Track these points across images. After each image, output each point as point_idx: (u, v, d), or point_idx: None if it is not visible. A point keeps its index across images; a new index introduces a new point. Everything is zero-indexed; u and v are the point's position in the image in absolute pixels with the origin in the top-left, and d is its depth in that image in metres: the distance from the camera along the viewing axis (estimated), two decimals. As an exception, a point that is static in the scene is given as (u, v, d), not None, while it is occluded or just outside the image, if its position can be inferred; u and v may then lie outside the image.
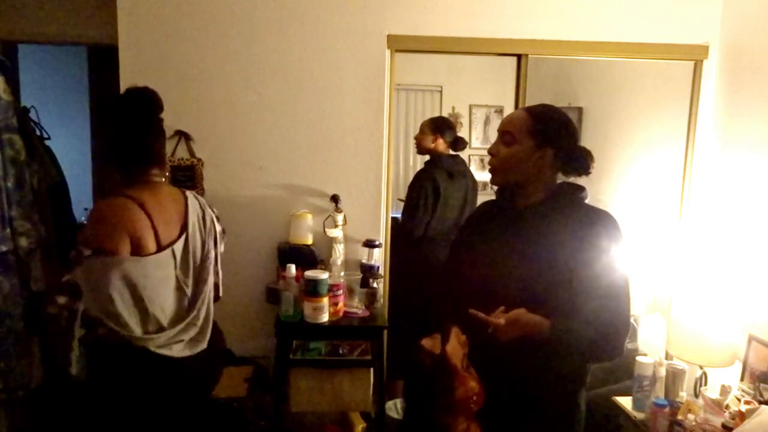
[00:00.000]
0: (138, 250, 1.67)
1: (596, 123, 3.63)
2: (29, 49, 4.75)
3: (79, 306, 1.64)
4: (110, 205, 1.67)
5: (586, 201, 1.59)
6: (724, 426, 2.12)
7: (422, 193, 3.21)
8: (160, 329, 1.73)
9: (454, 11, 2.76)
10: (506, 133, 1.56)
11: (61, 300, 1.63)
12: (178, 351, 1.76)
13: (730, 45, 2.74)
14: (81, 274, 1.63)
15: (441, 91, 4.52)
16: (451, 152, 3.37)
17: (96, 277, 1.63)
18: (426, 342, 1.51)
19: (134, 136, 1.73)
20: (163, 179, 1.81)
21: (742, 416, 2.11)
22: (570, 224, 1.51)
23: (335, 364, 2.60)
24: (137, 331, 1.69)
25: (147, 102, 1.76)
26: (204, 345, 1.83)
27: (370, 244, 2.80)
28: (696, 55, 2.81)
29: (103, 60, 3.63)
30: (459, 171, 3.31)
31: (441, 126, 3.33)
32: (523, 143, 1.54)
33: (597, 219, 1.53)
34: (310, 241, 2.77)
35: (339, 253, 2.75)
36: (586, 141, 3.60)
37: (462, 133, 4.60)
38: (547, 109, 1.59)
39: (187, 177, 2.74)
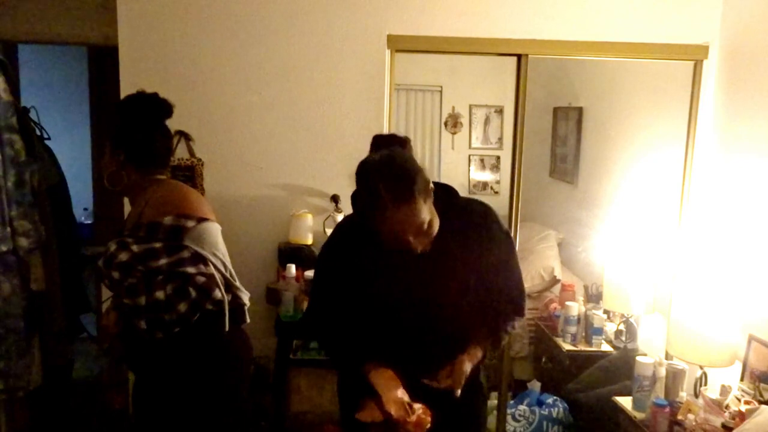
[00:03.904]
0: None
1: (596, 123, 3.63)
2: (29, 49, 4.77)
3: (211, 271, 1.77)
4: (180, 185, 1.91)
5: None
6: (724, 426, 2.12)
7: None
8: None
9: (454, 11, 2.75)
10: (426, 225, 1.44)
11: (191, 269, 1.72)
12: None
13: (730, 45, 2.74)
14: (194, 243, 1.74)
15: (441, 91, 4.52)
16: None
17: (212, 241, 1.80)
18: (362, 416, 1.44)
19: (163, 139, 1.94)
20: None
21: (742, 416, 2.11)
22: (455, 229, 1.54)
23: (335, 364, 2.59)
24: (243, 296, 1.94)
25: (167, 108, 1.94)
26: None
27: (370, 244, 2.80)
28: (696, 55, 2.81)
29: (103, 60, 3.63)
30: None
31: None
32: (433, 210, 1.48)
33: (474, 213, 1.60)
34: (310, 241, 2.77)
35: (339, 253, 2.75)
36: (586, 141, 3.63)
37: (462, 133, 4.61)
38: (415, 174, 1.44)
39: (187, 177, 2.74)
